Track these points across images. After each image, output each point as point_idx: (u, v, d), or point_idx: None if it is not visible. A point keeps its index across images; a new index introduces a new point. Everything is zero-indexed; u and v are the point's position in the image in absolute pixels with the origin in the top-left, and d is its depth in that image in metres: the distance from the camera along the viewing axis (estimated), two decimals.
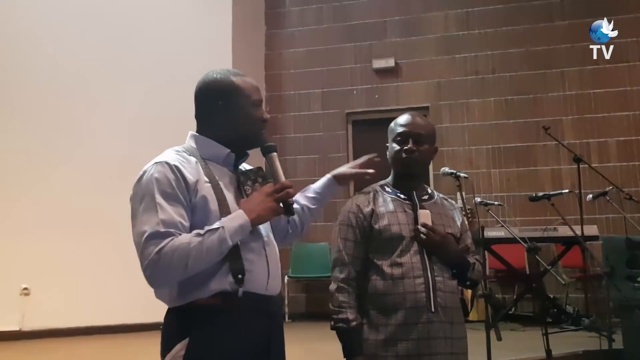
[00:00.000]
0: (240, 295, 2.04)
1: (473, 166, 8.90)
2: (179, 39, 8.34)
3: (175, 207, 2.00)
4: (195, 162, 2.12)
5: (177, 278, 1.99)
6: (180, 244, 1.94)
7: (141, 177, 2.07)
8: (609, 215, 7.96)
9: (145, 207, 2.00)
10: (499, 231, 6.45)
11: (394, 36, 9.64)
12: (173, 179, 2.03)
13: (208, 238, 1.96)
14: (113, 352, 6.36)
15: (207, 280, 2.01)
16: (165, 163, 2.06)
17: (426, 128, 2.59)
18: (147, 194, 2.01)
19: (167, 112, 7.49)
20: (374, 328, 2.42)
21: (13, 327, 6.99)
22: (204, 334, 2.01)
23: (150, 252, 1.92)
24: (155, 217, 1.97)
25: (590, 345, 5.50)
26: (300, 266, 8.81)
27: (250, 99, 2.23)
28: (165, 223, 1.96)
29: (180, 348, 1.99)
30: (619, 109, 8.65)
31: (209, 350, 2.00)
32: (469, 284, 2.61)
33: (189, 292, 2.02)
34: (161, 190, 2.00)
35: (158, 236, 1.94)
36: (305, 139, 9.63)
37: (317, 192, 2.62)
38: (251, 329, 2.07)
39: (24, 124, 7.44)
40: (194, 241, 1.95)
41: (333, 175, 2.63)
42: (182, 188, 2.03)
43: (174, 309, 2.07)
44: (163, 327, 2.10)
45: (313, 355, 5.46)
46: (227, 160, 2.22)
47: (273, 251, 2.22)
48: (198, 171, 2.10)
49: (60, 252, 7.11)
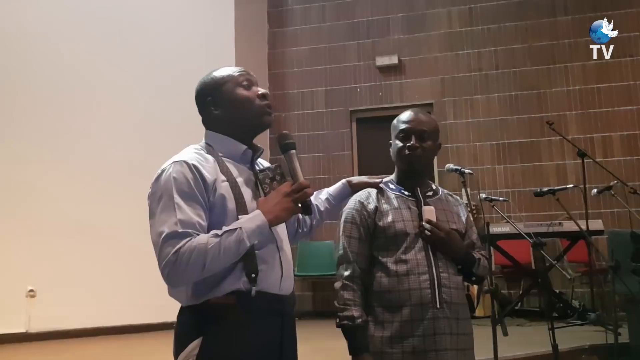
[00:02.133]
0: (254, 294, 2.03)
1: (478, 162, 8.90)
2: (181, 39, 8.36)
3: (193, 207, 1.99)
4: (213, 161, 2.11)
5: (194, 278, 1.98)
6: (198, 244, 1.93)
7: (159, 175, 2.06)
8: (614, 209, 7.96)
9: (164, 206, 2.00)
10: (504, 227, 6.45)
11: (398, 33, 9.64)
12: (191, 178, 2.02)
13: (226, 239, 1.95)
14: (120, 353, 6.37)
15: (221, 280, 2.01)
16: (183, 162, 2.05)
17: (429, 124, 2.58)
18: (165, 193, 2.01)
19: (171, 113, 7.51)
20: (379, 325, 2.42)
21: (19, 329, 7.00)
22: (217, 332, 2.01)
23: (168, 252, 1.92)
24: (173, 217, 1.96)
25: (596, 340, 5.49)
26: (306, 264, 8.82)
27: (236, 81, 2.21)
28: (183, 223, 1.95)
29: (194, 347, 1.99)
30: (623, 104, 8.65)
31: (222, 349, 2.00)
32: (474, 279, 2.60)
33: (203, 292, 2.02)
34: (179, 190, 2.00)
35: (176, 236, 1.94)
36: (309, 137, 9.63)
37: (330, 194, 2.65)
38: (264, 328, 2.07)
39: (29, 126, 7.44)
40: (211, 242, 1.94)
41: (347, 181, 2.66)
42: (200, 187, 2.02)
43: (188, 307, 2.07)
44: (176, 325, 2.10)
45: (320, 353, 5.46)
46: (244, 157, 2.22)
47: (287, 250, 2.22)
48: (216, 170, 2.09)
49: (65, 253, 7.13)
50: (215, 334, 2.01)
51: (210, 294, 2.02)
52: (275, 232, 2.16)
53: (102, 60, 7.90)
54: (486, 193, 6.51)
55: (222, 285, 2.02)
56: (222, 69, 2.26)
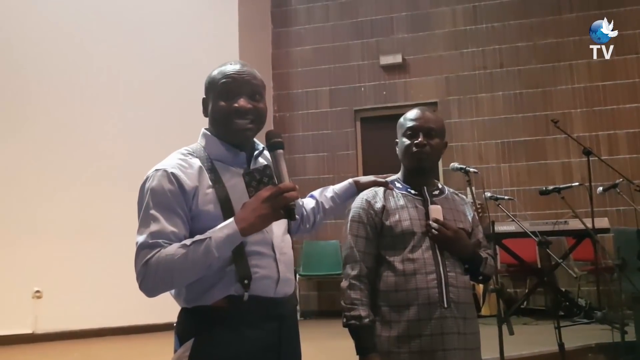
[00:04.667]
0: (246, 299, 2.00)
1: (483, 161, 8.89)
2: (185, 40, 8.36)
3: (168, 217, 1.96)
4: (198, 167, 2.06)
5: (166, 288, 1.98)
6: (166, 255, 1.90)
7: (143, 183, 2.04)
8: (620, 207, 7.95)
9: (142, 216, 1.99)
10: (509, 225, 6.42)
11: (402, 32, 9.64)
12: (169, 188, 1.98)
13: (194, 250, 1.90)
14: (126, 353, 6.38)
15: (214, 285, 1.99)
16: (163, 170, 2.01)
17: (436, 122, 2.58)
18: (144, 204, 2.00)
19: (174, 111, 7.52)
20: (386, 324, 2.41)
21: (26, 330, 7.00)
22: (208, 336, 1.99)
23: (139, 263, 1.93)
24: (147, 229, 1.95)
25: (602, 338, 5.48)
26: (312, 264, 8.82)
27: (218, 90, 2.12)
28: (155, 234, 1.93)
29: (184, 349, 1.99)
30: (628, 101, 8.63)
31: (214, 353, 1.99)
32: (481, 278, 2.60)
33: (196, 296, 2.01)
34: (155, 201, 1.97)
35: (147, 247, 1.93)
36: (313, 136, 9.64)
37: (336, 192, 2.63)
38: (259, 332, 2.04)
39: (35, 128, 7.45)
40: (178, 253, 1.90)
41: (354, 180, 2.64)
42: (178, 197, 1.98)
43: (184, 309, 2.07)
44: (176, 326, 2.10)
45: (326, 353, 5.46)
46: (236, 160, 2.14)
47: (285, 252, 2.16)
48: (200, 176, 2.04)
49: (71, 254, 7.14)
50: (207, 337, 1.99)
51: (201, 300, 2.00)
52: (271, 233, 2.11)
53: (105, 60, 7.90)
54: (491, 192, 6.50)
55: (214, 291, 1.99)
56: (218, 69, 2.17)
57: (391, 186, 2.61)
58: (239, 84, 2.12)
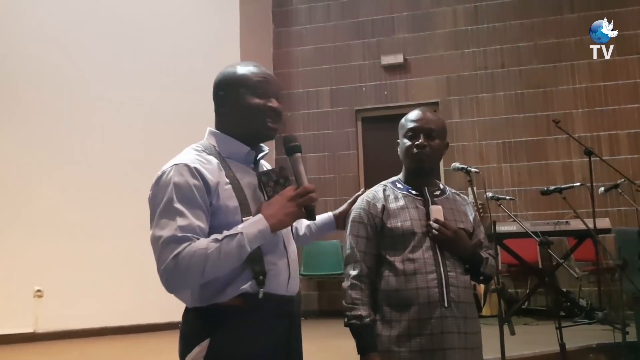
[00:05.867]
0: (261, 296, 2.01)
1: (484, 161, 8.89)
2: (186, 39, 8.37)
3: (194, 211, 1.95)
4: (216, 163, 2.07)
5: (193, 284, 1.96)
6: (198, 249, 1.89)
7: (159, 178, 2.01)
8: (621, 207, 7.95)
9: (164, 211, 1.95)
10: (510, 225, 6.42)
11: (403, 32, 9.64)
12: (193, 182, 1.97)
13: (227, 244, 1.91)
14: (126, 353, 6.38)
15: (229, 282, 1.99)
16: (185, 165, 2.00)
17: (437, 123, 2.59)
18: (166, 197, 1.96)
19: (176, 112, 7.53)
20: (387, 324, 2.42)
21: (27, 329, 7.01)
22: (224, 335, 1.98)
23: (167, 257, 1.88)
24: (173, 223, 1.92)
25: (603, 338, 5.47)
26: (313, 264, 8.82)
27: (253, 87, 2.13)
28: (183, 228, 1.91)
29: (200, 349, 1.97)
30: (630, 101, 8.63)
31: (229, 352, 1.98)
32: (482, 278, 2.60)
33: (211, 294, 1.99)
34: (180, 195, 1.95)
35: (175, 241, 1.89)
36: (315, 136, 9.64)
37: (315, 223, 2.61)
38: (272, 330, 2.05)
39: (35, 127, 7.45)
40: (211, 247, 1.90)
41: (334, 214, 2.64)
42: (202, 191, 1.97)
43: (194, 308, 2.04)
44: (182, 326, 2.08)
45: (327, 352, 5.46)
46: (247, 158, 2.16)
47: (293, 251, 2.19)
48: (219, 172, 2.04)
49: (72, 253, 7.14)
50: (222, 336, 1.98)
51: (217, 297, 1.99)
52: (283, 233, 2.13)
53: (106, 60, 7.91)
54: (492, 192, 6.50)
55: (230, 288, 1.99)
56: (246, 67, 2.18)
57: (388, 185, 2.63)
58: (273, 85, 2.18)
